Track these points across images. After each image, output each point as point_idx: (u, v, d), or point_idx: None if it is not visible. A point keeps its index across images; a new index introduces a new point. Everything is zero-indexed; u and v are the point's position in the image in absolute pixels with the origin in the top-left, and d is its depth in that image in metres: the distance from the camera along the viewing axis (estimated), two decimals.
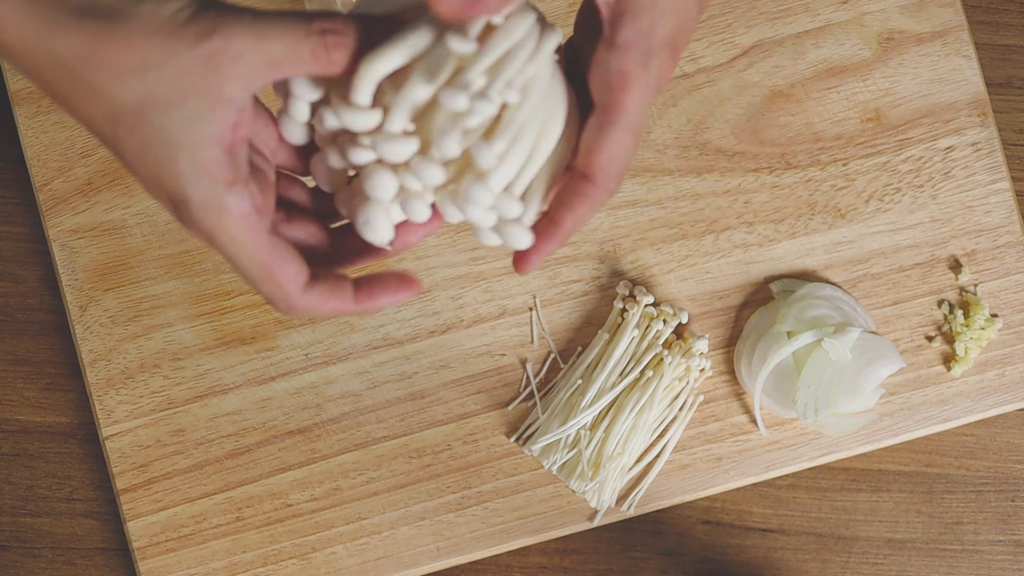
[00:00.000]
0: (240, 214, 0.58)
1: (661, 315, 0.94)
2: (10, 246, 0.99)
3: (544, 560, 0.97)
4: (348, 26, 0.58)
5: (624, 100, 0.60)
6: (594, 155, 0.61)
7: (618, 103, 0.60)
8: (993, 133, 0.96)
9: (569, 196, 0.62)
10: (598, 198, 0.61)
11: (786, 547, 0.97)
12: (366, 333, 0.96)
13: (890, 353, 0.92)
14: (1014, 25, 1.00)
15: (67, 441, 0.98)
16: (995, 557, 0.97)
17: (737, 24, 0.96)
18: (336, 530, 0.95)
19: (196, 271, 0.96)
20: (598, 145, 0.60)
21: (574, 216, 0.62)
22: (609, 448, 0.92)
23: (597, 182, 0.61)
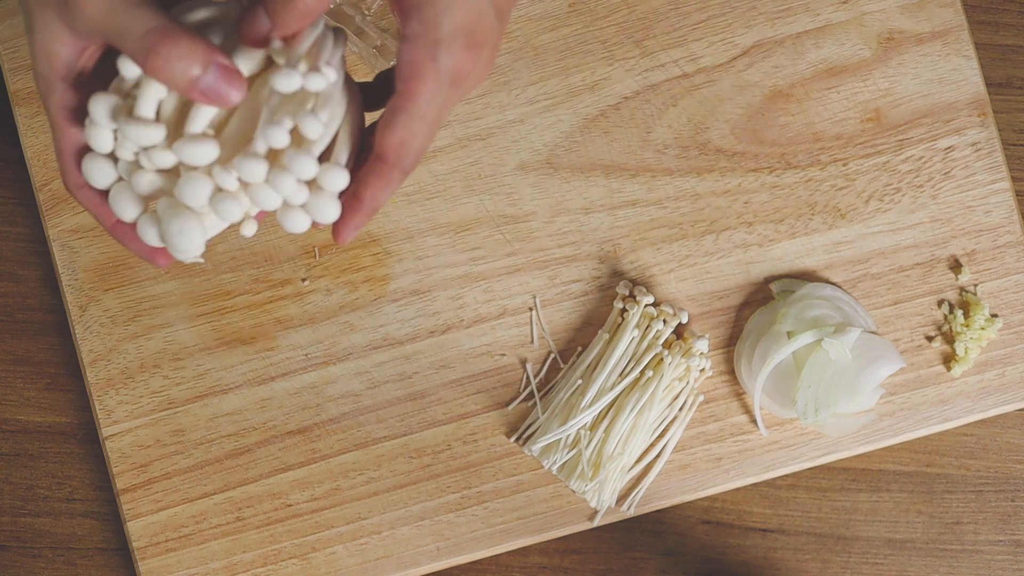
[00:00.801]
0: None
1: (661, 315, 0.94)
2: (10, 246, 0.99)
3: (544, 560, 0.97)
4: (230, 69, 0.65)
5: (414, 89, 0.65)
6: (385, 137, 0.66)
7: (409, 91, 0.65)
8: (993, 133, 0.96)
9: (367, 174, 0.67)
10: (392, 177, 0.67)
11: (786, 547, 0.97)
12: (366, 333, 0.96)
13: (890, 353, 0.92)
14: (1014, 25, 1.00)
15: (67, 441, 0.98)
16: (995, 557, 0.97)
17: (737, 24, 0.96)
18: (336, 530, 0.95)
19: (196, 271, 0.96)
20: (389, 128, 0.66)
21: (372, 192, 0.67)
22: (609, 448, 0.92)
23: (388, 162, 0.66)
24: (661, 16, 0.96)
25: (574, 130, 0.96)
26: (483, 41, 0.66)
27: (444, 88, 0.65)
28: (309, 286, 0.96)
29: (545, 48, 0.96)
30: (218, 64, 0.64)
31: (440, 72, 0.65)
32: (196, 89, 0.64)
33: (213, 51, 0.64)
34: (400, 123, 0.65)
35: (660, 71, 0.96)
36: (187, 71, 0.63)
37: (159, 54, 0.63)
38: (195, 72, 0.63)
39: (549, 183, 0.96)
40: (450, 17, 0.64)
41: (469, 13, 0.65)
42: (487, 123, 0.96)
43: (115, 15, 0.64)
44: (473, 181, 0.96)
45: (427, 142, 0.67)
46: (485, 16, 0.65)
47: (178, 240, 0.66)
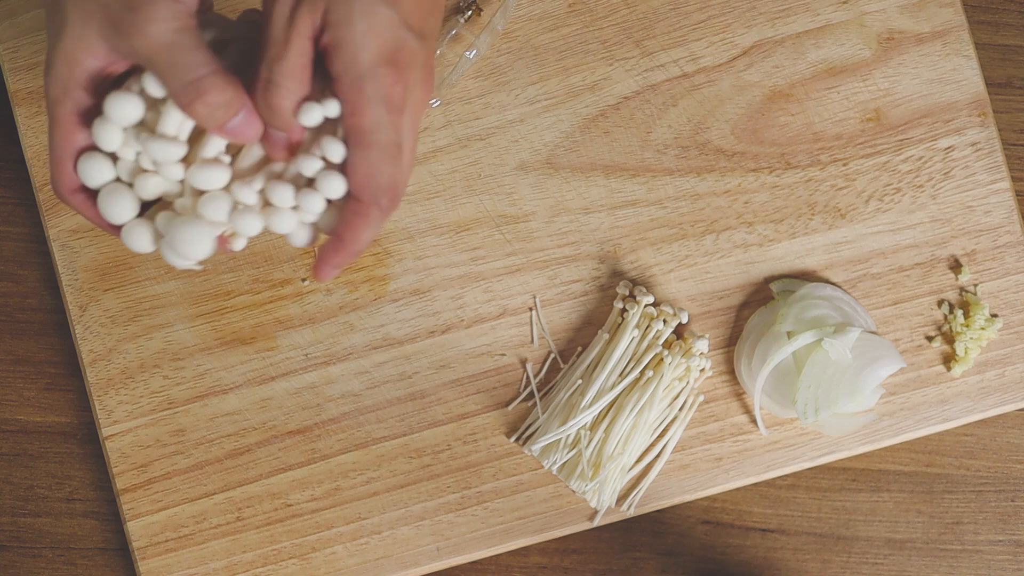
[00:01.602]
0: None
1: (661, 315, 0.94)
2: (10, 246, 0.99)
3: (544, 560, 0.97)
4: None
5: (356, 123, 0.68)
6: (352, 176, 0.69)
7: (353, 127, 0.68)
8: (993, 133, 0.96)
9: (347, 215, 0.70)
10: (371, 215, 0.70)
11: (786, 547, 0.97)
12: (366, 333, 0.96)
13: (890, 353, 0.92)
14: (1014, 25, 1.00)
15: (67, 441, 0.98)
16: (995, 557, 0.97)
17: (737, 24, 0.96)
18: (336, 530, 0.95)
19: (196, 271, 0.96)
20: (352, 168, 0.69)
21: (352, 232, 0.70)
22: (609, 448, 0.92)
23: (363, 200, 0.69)
24: (661, 16, 0.96)
25: (574, 130, 0.96)
26: (408, 64, 0.68)
27: (383, 115, 0.68)
28: (309, 286, 0.96)
29: (545, 48, 0.96)
30: (248, 109, 0.68)
31: (372, 100, 0.67)
32: (223, 129, 0.68)
33: (245, 98, 0.68)
34: (358, 159, 0.69)
35: (660, 71, 0.96)
36: (222, 117, 0.67)
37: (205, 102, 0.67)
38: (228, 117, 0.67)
39: (549, 183, 0.96)
40: (365, 51, 0.67)
41: (386, 43, 0.67)
42: (487, 123, 0.96)
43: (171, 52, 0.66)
44: (473, 181, 0.96)
45: (397, 174, 0.69)
46: (404, 41, 0.68)
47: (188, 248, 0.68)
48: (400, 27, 0.68)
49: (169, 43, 0.66)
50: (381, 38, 0.67)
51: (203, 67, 0.66)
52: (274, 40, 0.67)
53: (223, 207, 0.69)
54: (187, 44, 0.66)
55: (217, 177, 0.69)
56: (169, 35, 0.66)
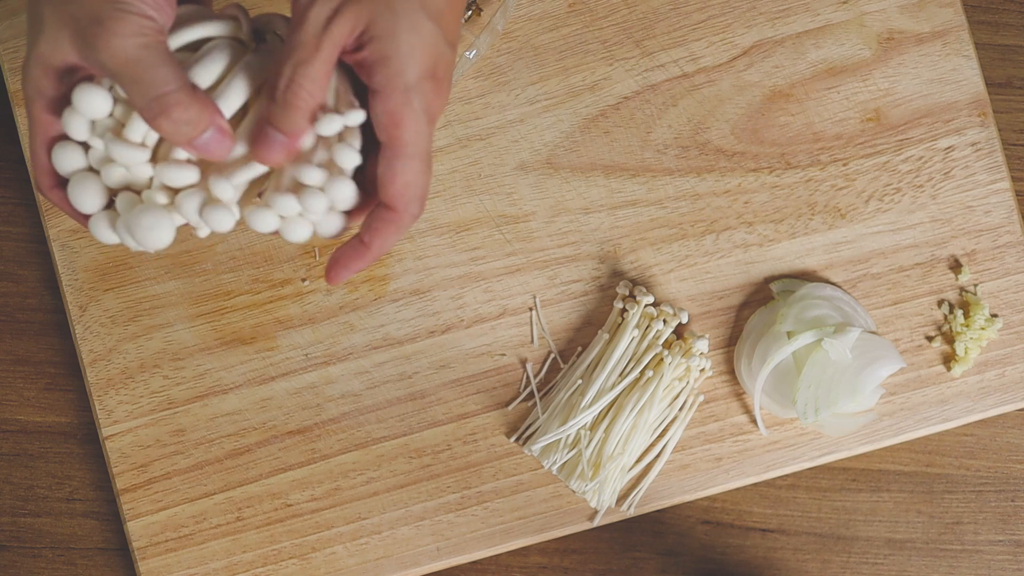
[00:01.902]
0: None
1: (661, 315, 0.94)
2: (10, 246, 0.99)
3: (544, 560, 0.97)
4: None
5: (400, 135, 0.68)
6: (390, 186, 0.69)
7: (396, 139, 0.68)
8: (993, 133, 0.96)
9: (376, 222, 0.70)
10: (402, 223, 0.70)
11: (786, 547, 0.97)
12: (366, 333, 0.96)
13: (890, 353, 0.92)
14: (1014, 25, 1.00)
15: (67, 441, 0.98)
16: (995, 557, 0.97)
17: (737, 24, 0.96)
18: (336, 530, 0.95)
19: (196, 271, 0.96)
20: (390, 177, 0.69)
21: (381, 239, 0.70)
22: (609, 448, 0.92)
23: (398, 209, 0.69)
24: (661, 16, 0.96)
25: (574, 130, 0.96)
26: (445, 75, 0.69)
27: (423, 125, 0.68)
28: (309, 286, 0.96)
29: (545, 48, 0.96)
30: (217, 127, 0.67)
31: (417, 113, 0.68)
32: (191, 145, 0.67)
33: (216, 115, 0.67)
34: (399, 169, 0.68)
35: (660, 71, 0.96)
36: (189, 133, 0.67)
37: (169, 117, 0.66)
38: (196, 134, 0.67)
39: (549, 183, 0.96)
40: (414, 64, 0.67)
41: (430, 55, 0.68)
42: (487, 123, 0.96)
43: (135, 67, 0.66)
44: (473, 181, 0.96)
45: (427, 180, 0.70)
46: (442, 51, 0.69)
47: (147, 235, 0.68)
48: (441, 41, 0.68)
49: (134, 59, 0.66)
50: (426, 53, 0.68)
51: (168, 83, 0.66)
52: (304, 43, 0.67)
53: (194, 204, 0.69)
54: (153, 60, 0.66)
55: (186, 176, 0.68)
56: (134, 50, 0.65)
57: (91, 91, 0.67)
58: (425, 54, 0.68)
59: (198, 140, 0.67)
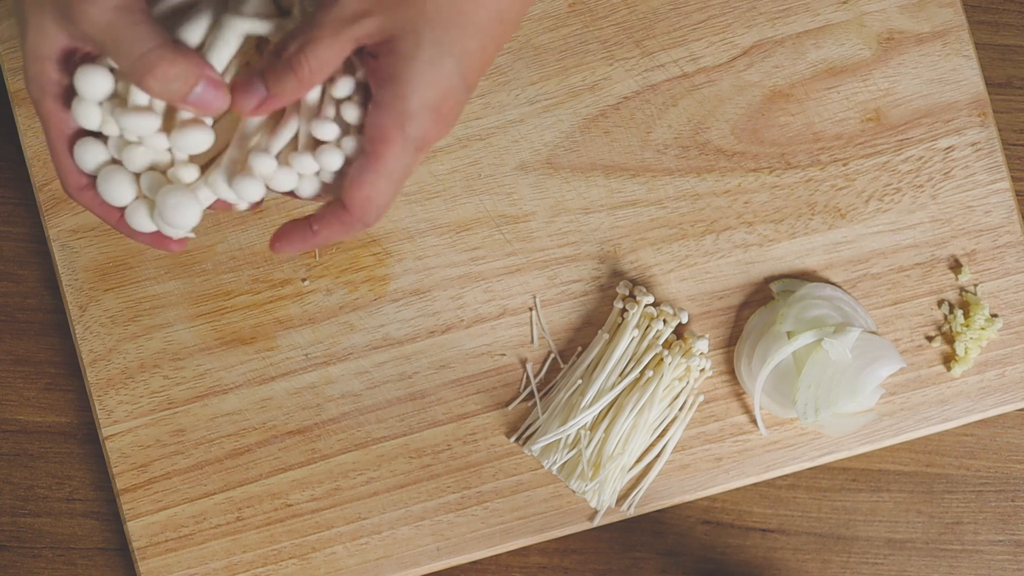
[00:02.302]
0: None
1: (661, 315, 0.94)
2: (10, 246, 0.99)
3: (544, 560, 0.97)
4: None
5: (382, 152, 0.69)
6: (354, 192, 0.69)
7: (377, 153, 0.69)
8: (993, 133, 0.96)
9: (328, 216, 0.71)
10: (351, 226, 0.71)
11: (786, 547, 0.97)
12: (366, 333, 0.96)
13: (890, 353, 0.92)
14: (1014, 25, 1.00)
15: (67, 441, 0.98)
16: (995, 557, 0.97)
17: (737, 24, 0.96)
18: (336, 530, 0.95)
19: (196, 271, 0.96)
20: (357, 185, 0.69)
21: (328, 232, 0.71)
22: (609, 448, 0.92)
23: (352, 213, 0.70)
24: (661, 16, 0.96)
25: (574, 130, 0.96)
26: (450, 113, 0.70)
27: (409, 152, 0.69)
28: (309, 286, 0.96)
29: (545, 48, 0.96)
30: (208, 79, 0.67)
31: (407, 139, 0.68)
32: (186, 101, 0.67)
33: (204, 67, 0.67)
34: (367, 181, 0.69)
35: (660, 71, 0.96)
36: (180, 89, 0.67)
37: (155, 75, 0.66)
38: (187, 89, 0.67)
39: (549, 183, 0.96)
40: (420, 93, 0.68)
41: (440, 89, 0.68)
42: (487, 123, 0.96)
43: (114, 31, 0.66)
44: (473, 181, 0.96)
45: (391, 199, 0.71)
46: (454, 90, 0.69)
47: (174, 215, 0.69)
48: (457, 79, 0.68)
49: (110, 22, 0.65)
50: (436, 87, 0.68)
51: (148, 41, 0.66)
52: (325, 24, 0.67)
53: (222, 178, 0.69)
54: (131, 21, 0.66)
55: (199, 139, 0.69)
56: (111, 14, 0.65)
57: (91, 71, 0.67)
58: (435, 89, 0.68)
59: (191, 96, 0.67)
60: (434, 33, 0.67)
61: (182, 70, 0.66)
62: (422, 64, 0.67)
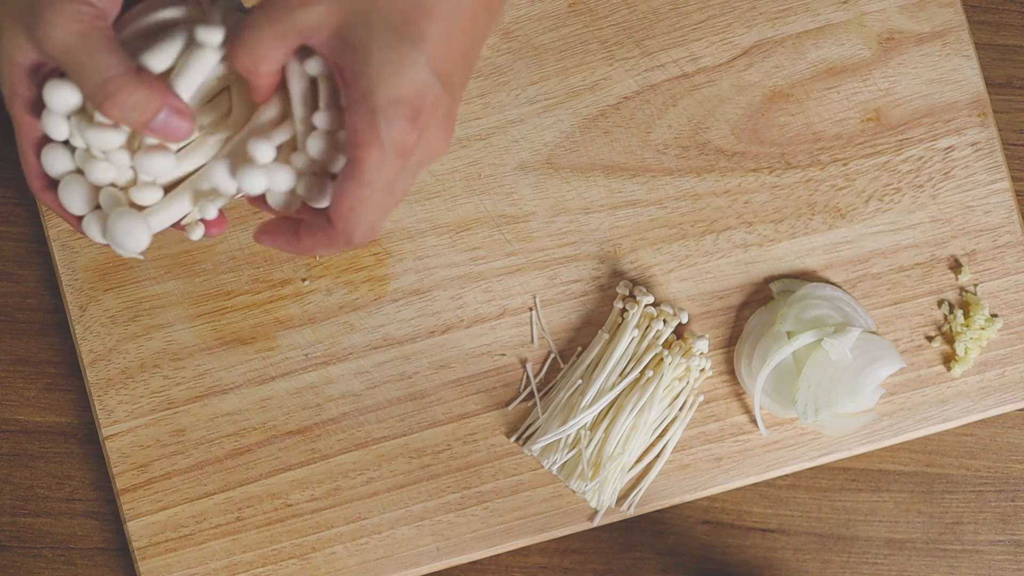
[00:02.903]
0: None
1: (661, 315, 0.94)
2: (10, 246, 0.99)
3: (544, 560, 0.97)
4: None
5: (359, 157, 0.65)
6: (336, 204, 0.66)
7: (355, 160, 0.65)
8: (993, 133, 0.96)
9: (314, 226, 0.68)
10: (335, 240, 0.68)
11: (786, 547, 0.97)
12: (366, 333, 0.96)
13: (890, 353, 0.92)
14: (1014, 25, 1.00)
15: (67, 441, 0.98)
16: (995, 557, 0.97)
17: (737, 24, 0.96)
18: (336, 530, 0.95)
19: (196, 271, 0.96)
20: (339, 195, 0.66)
21: (311, 241, 0.69)
22: (609, 448, 0.92)
23: (337, 228, 0.67)
24: (661, 16, 0.96)
25: (574, 130, 0.96)
26: (429, 113, 0.65)
27: (389, 158, 0.65)
28: (309, 286, 0.96)
29: (545, 48, 0.96)
30: (170, 107, 0.66)
31: (382, 141, 0.65)
32: (148, 128, 0.66)
33: (166, 96, 0.66)
34: (349, 190, 0.66)
35: (660, 71, 0.96)
36: (142, 117, 0.66)
37: (115, 102, 0.65)
38: (148, 117, 0.66)
39: (549, 183, 0.96)
40: (385, 86, 0.64)
41: (409, 84, 0.64)
42: (487, 123, 0.96)
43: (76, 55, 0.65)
44: (473, 181, 0.96)
45: (379, 214, 0.67)
46: (428, 87, 0.65)
47: (123, 238, 0.68)
48: (424, 69, 0.65)
49: (72, 46, 0.65)
50: (400, 77, 0.64)
51: (111, 68, 0.65)
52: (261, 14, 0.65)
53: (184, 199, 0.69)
54: (93, 47, 0.65)
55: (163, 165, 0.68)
56: (72, 38, 0.65)
57: (58, 86, 0.67)
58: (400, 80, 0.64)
59: (153, 123, 0.66)
60: (383, 16, 0.64)
61: (142, 98, 0.65)
62: (379, 53, 0.64)
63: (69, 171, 0.70)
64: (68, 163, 0.70)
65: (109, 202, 0.69)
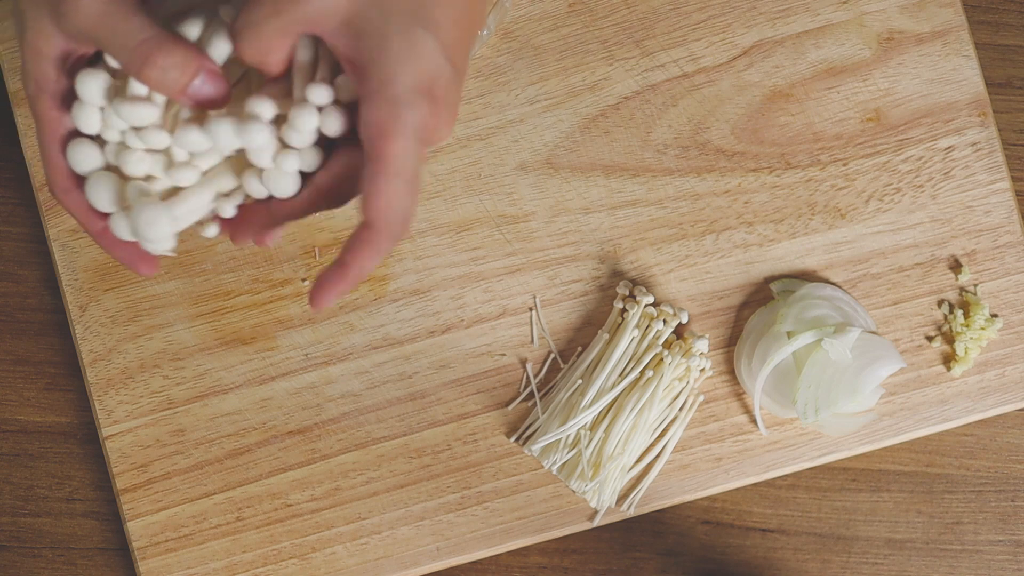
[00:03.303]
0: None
1: (661, 315, 0.94)
2: (10, 246, 0.99)
3: (544, 560, 0.97)
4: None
5: (384, 149, 0.63)
6: (370, 203, 0.64)
7: (380, 152, 0.64)
8: (993, 133, 0.96)
9: (355, 242, 0.66)
10: (380, 243, 0.66)
11: (786, 547, 0.97)
12: (366, 333, 0.96)
13: (890, 353, 0.92)
14: (1014, 25, 1.00)
15: (67, 441, 0.98)
16: (995, 557, 0.97)
17: (737, 24, 0.96)
18: (336, 530, 0.95)
19: (196, 271, 0.96)
20: (372, 194, 0.64)
21: (359, 260, 0.66)
22: (609, 448, 0.92)
23: (377, 228, 0.65)
24: (661, 16, 0.96)
25: (574, 130, 0.96)
26: (445, 95, 0.65)
27: (413, 145, 0.64)
28: (309, 286, 0.96)
29: (545, 48, 0.96)
30: (207, 71, 0.65)
31: (406, 129, 0.64)
32: (186, 95, 0.65)
33: (203, 59, 0.65)
34: (380, 186, 0.64)
35: (660, 71, 0.96)
36: (180, 80, 0.65)
37: (154, 65, 0.64)
38: (187, 80, 0.65)
39: (549, 183, 0.96)
40: (405, 73, 0.63)
41: (424, 67, 0.64)
42: (487, 123, 0.96)
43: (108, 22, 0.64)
44: (473, 181, 0.96)
45: (412, 203, 0.66)
46: (442, 70, 0.65)
47: (148, 229, 0.67)
48: (439, 55, 0.64)
49: (102, 14, 0.64)
50: (419, 64, 0.64)
51: (145, 30, 0.64)
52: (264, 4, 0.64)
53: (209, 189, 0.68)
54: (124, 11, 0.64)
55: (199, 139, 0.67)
56: (102, 6, 0.64)
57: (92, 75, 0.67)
58: (419, 65, 0.64)
59: (191, 87, 0.65)
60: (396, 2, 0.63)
61: (180, 59, 0.64)
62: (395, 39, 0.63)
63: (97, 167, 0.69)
64: (97, 158, 0.69)
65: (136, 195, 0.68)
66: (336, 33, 0.64)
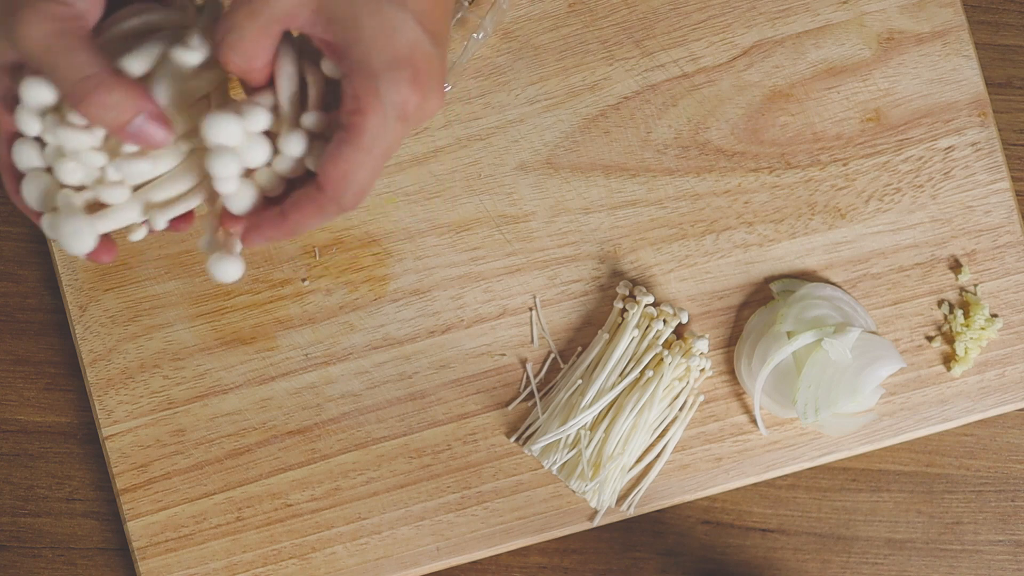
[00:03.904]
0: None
1: (661, 315, 0.94)
2: (10, 246, 0.99)
3: (544, 560, 0.97)
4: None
5: (359, 122, 0.64)
6: (329, 168, 0.65)
7: (354, 125, 0.64)
8: (993, 133, 0.96)
9: (302, 198, 0.66)
10: (326, 208, 0.66)
11: (786, 547, 0.97)
12: (366, 333, 0.96)
13: (890, 353, 0.92)
14: (1014, 25, 1.00)
15: (67, 441, 0.98)
16: (995, 557, 0.97)
17: (737, 24, 0.96)
18: (336, 530, 0.95)
19: (196, 271, 0.96)
20: (333, 160, 0.65)
21: (300, 216, 0.67)
22: (609, 448, 0.92)
23: (327, 194, 0.66)
24: (661, 16, 0.96)
25: (574, 130, 0.96)
26: (426, 71, 0.65)
27: (390, 122, 0.65)
28: (309, 286, 0.96)
29: (545, 48, 0.96)
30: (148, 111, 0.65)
31: (384, 105, 0.64)
32: (125, 132, 0.65)
33: (144, 99, 0.65)
34: (344, 156, 0.65)
35: (660, 71, 0.96)
36: (118, 119, 0.65)
37: (91, 102, 0.64)
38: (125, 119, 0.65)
39: (549, 183, 0.96)
40: (381, 49, 0.64)
41: (400, 41, 0.64)
42: (487, 123, 0.96)
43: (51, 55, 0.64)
44: (473, 181, 0.96)
45: (371, 178, 0.66)
46: (420, 44, 0.65)
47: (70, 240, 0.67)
48: (414, 28, 0.65)
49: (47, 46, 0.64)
50: (393, 39, 0.64)
51: (88, 67, 0.64)
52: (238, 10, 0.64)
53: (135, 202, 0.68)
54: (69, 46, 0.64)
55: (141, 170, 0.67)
56: (49, 37, 0.64)
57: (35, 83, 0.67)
58: (392, 40, 0.64)
59: (129, 127, 0.65)
60: None
61: (119, 99, 0.64)
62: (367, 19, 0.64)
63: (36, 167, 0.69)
64: (36, 159, 0.69)
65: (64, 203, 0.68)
66: (311, 23, 0.65)
